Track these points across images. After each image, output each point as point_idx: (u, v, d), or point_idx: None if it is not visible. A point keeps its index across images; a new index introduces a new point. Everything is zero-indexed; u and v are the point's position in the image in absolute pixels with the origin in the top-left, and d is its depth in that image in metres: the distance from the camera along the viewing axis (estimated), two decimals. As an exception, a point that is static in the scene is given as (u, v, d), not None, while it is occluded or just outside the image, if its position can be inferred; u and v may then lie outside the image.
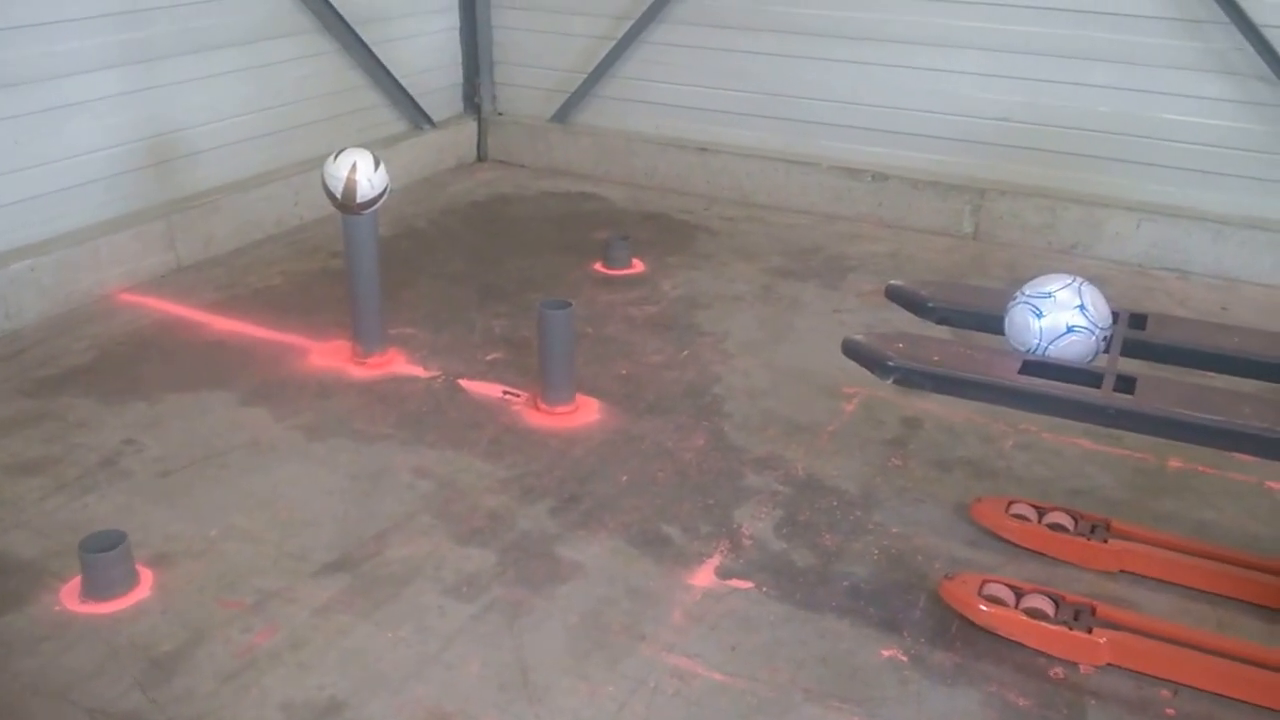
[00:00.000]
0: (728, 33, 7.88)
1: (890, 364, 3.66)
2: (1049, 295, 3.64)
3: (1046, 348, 3.62)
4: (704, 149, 8.17)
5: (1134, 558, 4.04)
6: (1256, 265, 6.66)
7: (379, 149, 5.56)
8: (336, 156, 5.05)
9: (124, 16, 6.20)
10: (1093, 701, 3.47)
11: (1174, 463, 4.68)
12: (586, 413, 5.04)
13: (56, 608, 3.78)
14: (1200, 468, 4.66)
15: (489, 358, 5.59)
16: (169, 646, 3.62)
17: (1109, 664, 3.60)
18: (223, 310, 6.07)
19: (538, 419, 5.01)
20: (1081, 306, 3.61)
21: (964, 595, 3.80)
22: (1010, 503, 4.29)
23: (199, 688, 3.45)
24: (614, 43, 8.34)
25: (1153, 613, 3.82)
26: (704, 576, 4.01)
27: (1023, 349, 3.67)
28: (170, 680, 3.48)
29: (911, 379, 3.68)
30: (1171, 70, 6.69)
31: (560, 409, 5.03)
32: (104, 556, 3.79)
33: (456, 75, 8.97)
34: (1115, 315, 3.78)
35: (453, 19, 8.77)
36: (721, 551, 4.14)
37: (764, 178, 7.84)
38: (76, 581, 3.85)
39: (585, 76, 8.57)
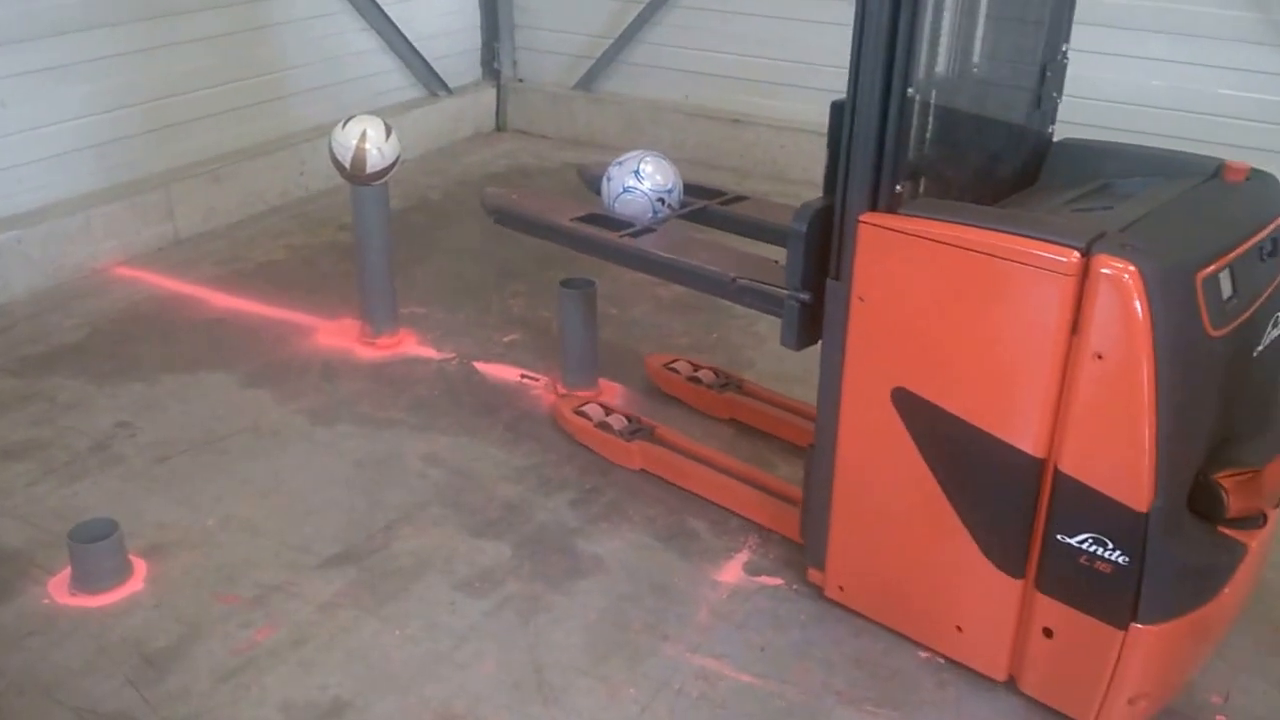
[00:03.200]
0: (762, -5, 7.85)
1: (490, 204, 4.76)
2: (619, 163, 4.52)
3: (613, 205, 4.49)
4: (736, 120, 8.14)
5: (739, 409, 4.92)
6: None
7: (391, 116, 5.56)
8: (345, 124, 5.04)
9: (120, -27, 6.22)
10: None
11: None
12: (609, 398, 5.02)
13: (44, 600, 3.78)
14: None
15: (506, 339, 5.58)
16: (163, 642, 3.62)
17: (642, 469, 4.53)
18: (223, 286, 6.08)
19: (557, 404, 5.00)
20: (637, 172, 4.45)
21: (563, 409, 4.84)
22: (673, 360, 5.20)
23: (194, 686, 3.45)
24: (643, 5, 8.31)
25: (754, 456, 4.64)
26: (732, 573, 4.00)
27: (605, 206, 4.53)
28: (164, 678, 3.47)
29: (503, 220, 4.73)
30: (1228, 43, 6.60)
31: (581, 394, 5.02)
32: (95, 547, 3.79)
33: (474, 39, 8.96)
34: (718, 193, 4.76)
35: (471, -22, 8.77)
36: (750, 546, 4.13)
37: (799, 151, 7.78)
38: (66, 573, 3.85)
39: (611, 42, 8.56)
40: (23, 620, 3.69)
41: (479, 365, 5.33)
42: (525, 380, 5.19)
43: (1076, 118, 6.94)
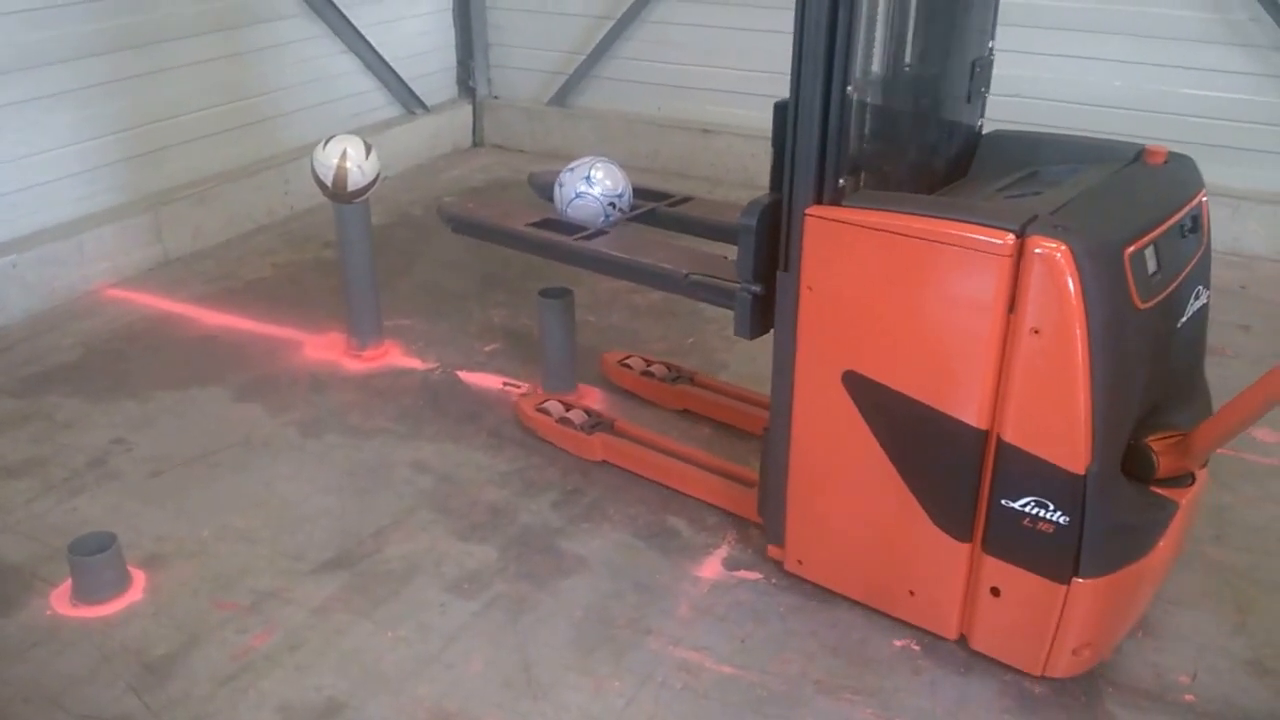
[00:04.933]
0: (730, 10, 7.87)
1: (447, 214, 4.83)
2: (571, 169, 4.64)
3: (566, 209, 4.59)
4: (707, 130, 8.19)
5: (691, 399, 5.03)
6: (1276, 241, 6.66)
7: (371, 135, 5.59)
8: (326, 144, 5.05)
9: (105, 2, 6.22)
10: (1110, 689, 3.49)
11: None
12: (589, 403, 5.04)
13: (47, 612, 3.80)
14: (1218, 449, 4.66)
15: (488, 348, 5.61)
16: (163, 650, 3.64)
17: (604, 460, 4.61)
18: (213, 304, 6.09)
19: (539, 410, 5.02)
20: (588, 178, 4.58)
21: (525, 407, 4.90)
22: (627, 356, 5.28)
23: (194, 691, 3.47)
24: (613, 22, 8.36)
25: (709, 444, 4.78)
26: (711, 568, 4.03)
27: (557, 211, 4.62)
28: (165, 684, 3.49)
29: (460, 227, 4.80)
30: (1188, 43, 6.67)
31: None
32: (94, 559, 3.80)
33: (449, 58, 8.99)
34: (666, 195, 4.85)
35: (445, -1, 8.80)
36: (729, 542, 4.16)
37: (769, 159, 7.76)
38: (67, 585, 3.86)
39: (584, 57, 8.59)
40: (26, 632, 3.71)
41: (462, 374, 5.35)
42: (507, 388, 5.21)
43: (1041, 120, 7.06)
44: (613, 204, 4.60)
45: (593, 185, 4.57)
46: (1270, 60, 6.52)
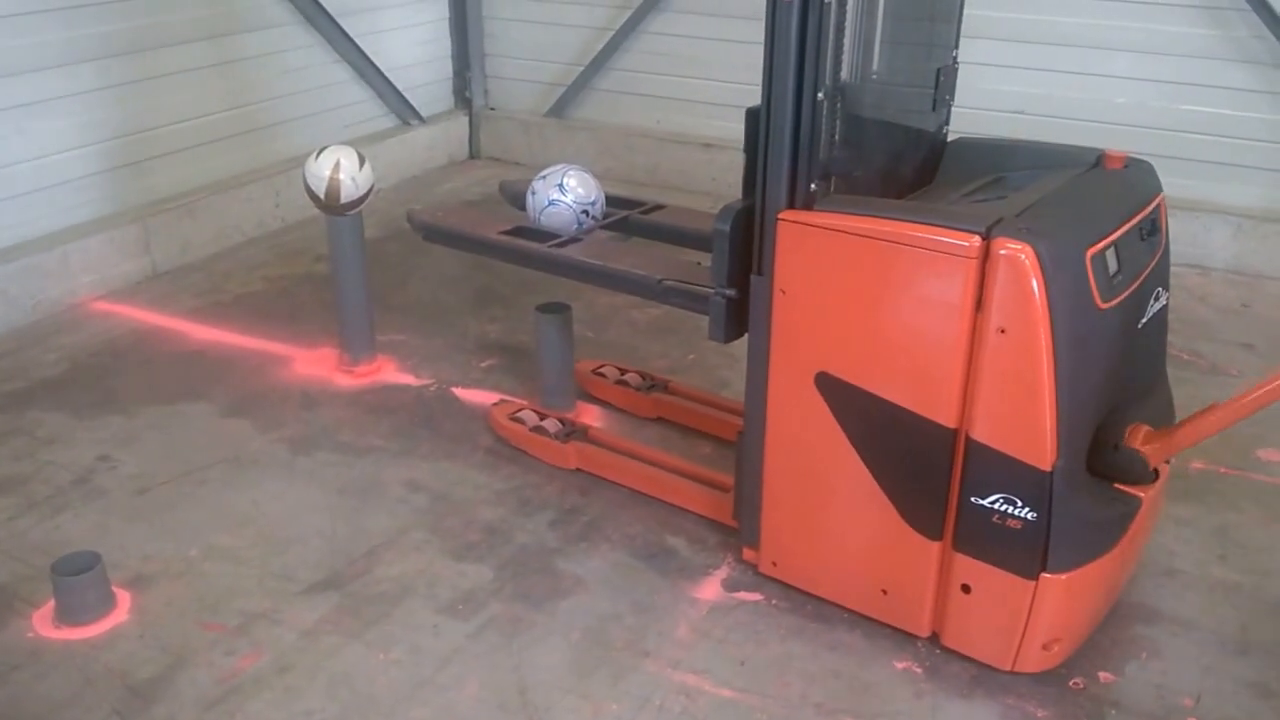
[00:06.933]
0: (731, 22, 7.85)
1: (418, 221, 4.92)
2: (543, 177, 4.70)
3: (539, 217, 4.67)
4: (708, 144, 8.20)
5: (666, 407, 5.10)
6: (1279, 260, 6.67)
7: (365, 146, 5.58)
8: (319, 155, 5.06)
9: (93, 9, 6.22)
10: (1113, 712, 3.49)
11: (1196, 465, 4.70)
12: (587, 420, 5.04)
13: (29, 634, 3.78)
14: (1221, 469, 4.70)
15: (484, 364, 5.60)
16: (148, 672, 3.62)
17: (578, 468, 4.67)
18: (201, 318, 6.09)
19: (535, 428, 5.01)
20: (561, 185, 4.64)
21: (498, 416, 4.95)
22: (600, 365, 5.34)
23: (180, 715, 3.45)
24: (612, 33, 8.37)
25: (683, 450, 4.83)
26: (711, 589, 4.02)
27: (530, 219, 4.71)
28: (150, 708, 3.48)
29: (431, 236, 4.88)
30: (1192, 59, 6.69)
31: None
32: (78, 579, 3.79)
33: (446, 69, 9.01)
34: (638, 203, 5.00)
35: (441, 9, 8.81)
36: (729, 563, 4.15)
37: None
38: (49, 606, 3.85)
39: (582, 69, 8.61)
40: (8, 654, 3.69)
41: (457, 391, 5.35)
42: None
43: (1042, 134, 7.03)
44: (586, 211, 4.68)
45: (566, 193, 4.66)
46: (1272, 78, 6.54)
